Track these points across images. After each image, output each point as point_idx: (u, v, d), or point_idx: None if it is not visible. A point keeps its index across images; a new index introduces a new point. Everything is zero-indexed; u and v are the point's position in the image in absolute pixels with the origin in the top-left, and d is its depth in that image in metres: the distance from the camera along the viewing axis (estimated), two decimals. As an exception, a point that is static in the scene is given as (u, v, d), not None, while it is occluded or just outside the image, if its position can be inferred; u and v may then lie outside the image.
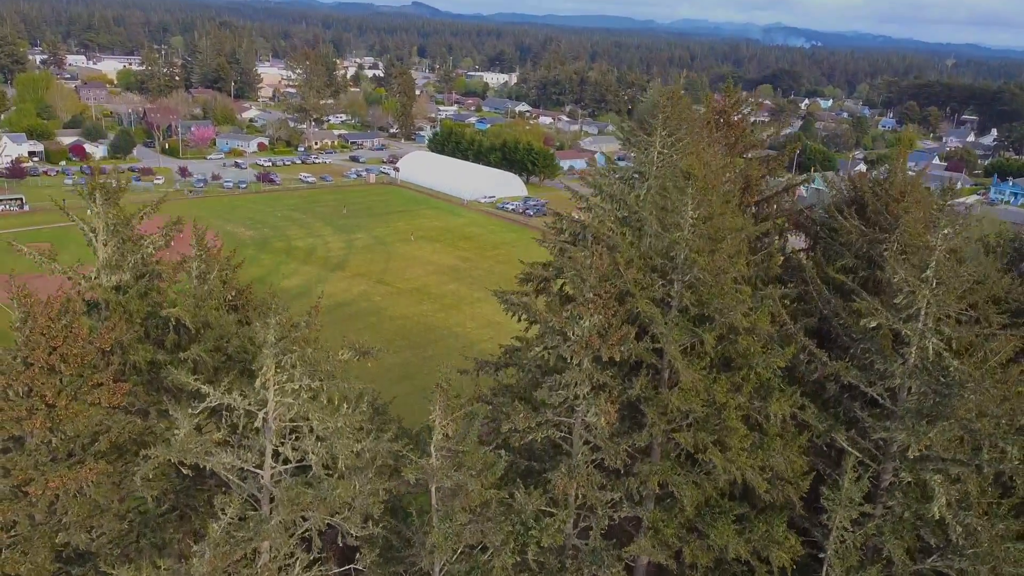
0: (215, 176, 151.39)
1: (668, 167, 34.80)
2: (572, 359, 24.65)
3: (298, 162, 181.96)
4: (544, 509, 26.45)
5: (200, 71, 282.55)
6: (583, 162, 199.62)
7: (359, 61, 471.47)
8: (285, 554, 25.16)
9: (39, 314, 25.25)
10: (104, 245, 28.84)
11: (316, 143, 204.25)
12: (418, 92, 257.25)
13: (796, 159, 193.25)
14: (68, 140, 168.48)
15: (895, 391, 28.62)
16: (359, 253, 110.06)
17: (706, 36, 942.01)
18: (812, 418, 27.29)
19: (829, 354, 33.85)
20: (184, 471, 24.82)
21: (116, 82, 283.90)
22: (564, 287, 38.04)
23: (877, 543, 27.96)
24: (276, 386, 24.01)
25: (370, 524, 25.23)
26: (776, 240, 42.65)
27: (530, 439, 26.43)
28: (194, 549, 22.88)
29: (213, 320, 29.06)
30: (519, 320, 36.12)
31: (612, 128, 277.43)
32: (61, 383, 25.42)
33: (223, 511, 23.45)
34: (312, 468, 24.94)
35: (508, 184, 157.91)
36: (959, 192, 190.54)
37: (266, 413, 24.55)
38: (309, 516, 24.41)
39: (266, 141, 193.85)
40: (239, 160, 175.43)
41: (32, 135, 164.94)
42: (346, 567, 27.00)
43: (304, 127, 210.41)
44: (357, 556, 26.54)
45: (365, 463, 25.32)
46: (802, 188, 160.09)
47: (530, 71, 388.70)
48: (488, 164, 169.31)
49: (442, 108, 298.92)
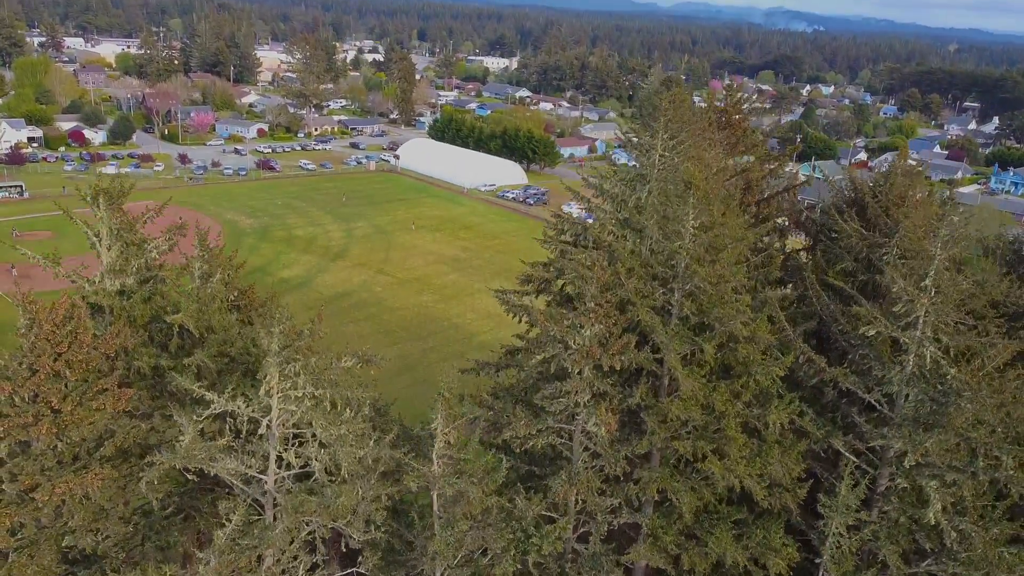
0: (215, 163, 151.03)
1: (670, 170, 34.84)
2: (573, 368, 24.84)
3: (298, 148, 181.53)
4: (545, 514, 26.77)
5: (199, 55, 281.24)
6: (584, 149, 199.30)
7: (359, 44, 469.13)
8: (288, 557, 25.51)
9: (44, 320, 25.39)
10: (108, 249, 28.96)
11: (316, 129, 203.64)
12: (418, 77, 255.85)
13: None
14: (67, 126, 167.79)
15: (892, 397, 28.84)
16: (359, 242, 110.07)
17: (707, 20, 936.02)
18: (810, 425, 27.54)
19: (828, 358, 34.07)
20: (189, 477, 25.13)
21: (115, 66, 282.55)
22: (565, 288, 38.22)
23: (873, 548, 28.30)
24: (280, 393, 24.26)
25: (372, 528, 25.54)
26: (777, 240, 42.75)
27: (530, 444, 26.67)
28: (199, 556, 23.18)
29: (216, 324, 29.23)
30: (520, 321, 36.38)
31: (613, 115, 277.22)
32: (66, 388, 25.60)
33: (228, 518, 23.74)
34: (315, 474, 25.28)
35: (508, 172, 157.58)
36: (960, 182, 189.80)
37: (270, 420, 24.81)
38: (313, 522, 24.71)
39: (266, 127, 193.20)
40: (239, 146, 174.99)
41: (31, 121, 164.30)
42: (349, 570, 27.38)
43: (304, 113, 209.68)
44: (359, 559, 26.92)
45: (368, 469, 25.60)
46: (802, 177, 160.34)
47: (531, 56, 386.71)
48: (488, 152, 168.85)
49: (442, 93, 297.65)
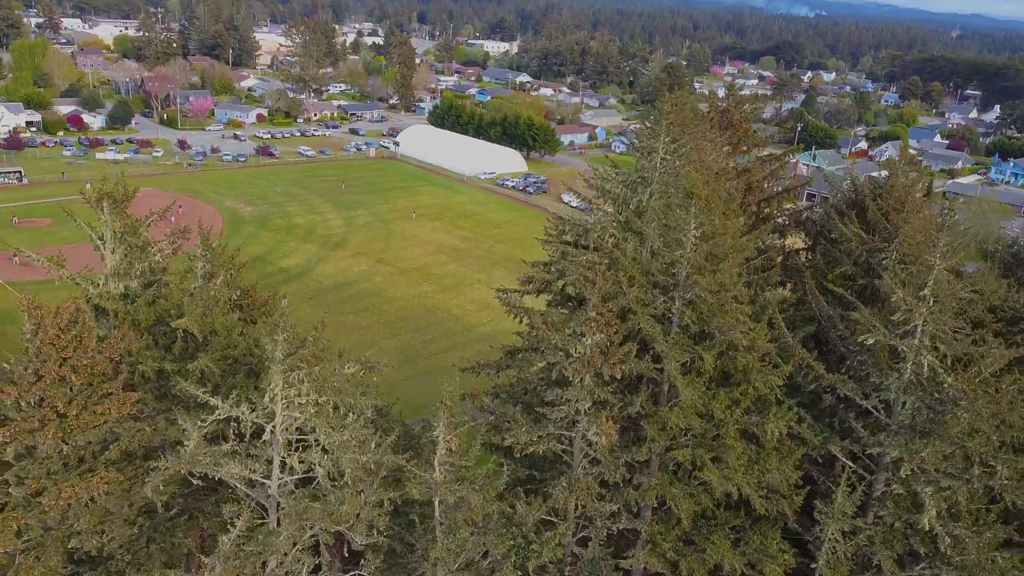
0: (214, 149, 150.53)
1: (671, 173, 34.94)
2: (574, 377, 25.08)
3: (297, 134, 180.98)
4: (545, 518, 27.11)
5: (198, 37, 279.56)
6: (584, 137, 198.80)
7: (358, 27, 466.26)
8: (292, 560, 25.86)
9: (49, 325, 25.56)
10: (112, 252, 29.09)
11: (315, 114, 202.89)
12: (418, 61, 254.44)
13: (797, 135, 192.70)
14: (66, 110, 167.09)
15: (890, 404, 29.12)
16: (359, 231, 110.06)
17: (709, 3, 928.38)
18: (808, 433, 27.84)
19: (827, 361, 34.31)
20: (194, 482, 25.40)
21: (113, 48, 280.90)
22: (565, 288, 38.40)
23: (868, 552, 28.69)
24: (284, 400, 24.49)
25: (375, 533, 25.86)
26: (778, 240, 42.95)
27: (531, 450, 26.95)
28: (205, 562, 23.51)
29: (220, 327, 29.40)
30: (521, 322, 36.59)
31: (613, 101, 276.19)
32: (72, 392, 25.82)
33: (232, 523, 24.06)
34: (318, 479, 25.57)
35: (508, 160, 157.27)
36: (960, 172, 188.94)
37: (274, 426, 25.07)
38: (316, 527, 25.02)
39: (265, 112, 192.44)
40: (238, 132, 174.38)
41: (29, 104, 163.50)
42: (351, 573, 27.75)
43: (303, 98, 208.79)
44: (362, 562, 27.29)
45: (370, 474, 25.88)
46: (802, 166, 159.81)
47: (531, 40, 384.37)
48: (488, 139, 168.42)
49: (442, 78, 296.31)
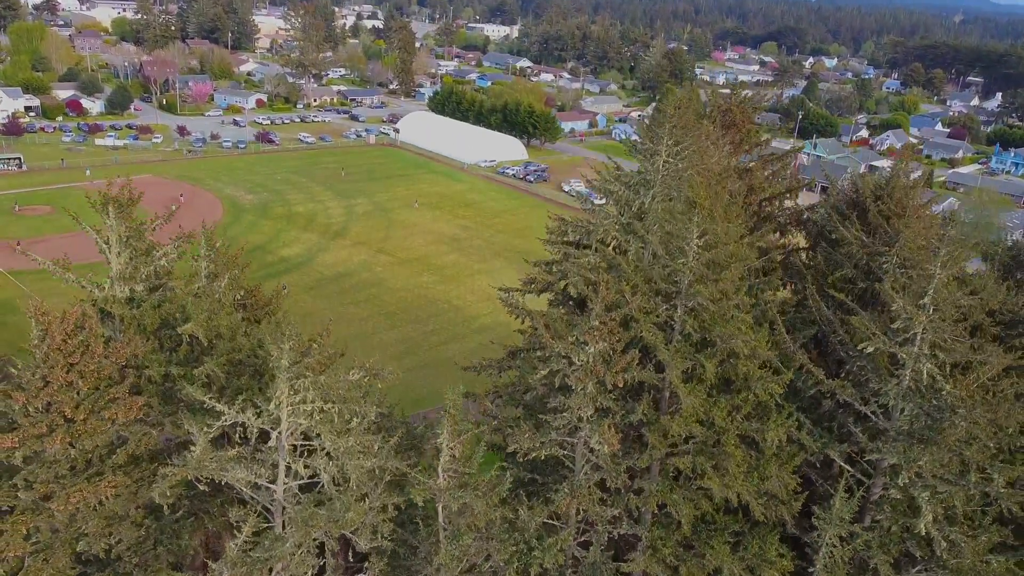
0: (214, 135, 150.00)
1: (673, 175, 35.09)
2: (577, 385, 25.34)
3: (297, 120, 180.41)
4: (547, 522, 27.47)
5: (196, 20, 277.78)
6: (585, 123, 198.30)
7: (357, 9, 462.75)
8: (297, 562, 26.22)
9: (56, 331, 25.76)
10: (117, 256, 29.26)
11: (315, 100, 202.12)
12: (418, 45, 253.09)
13: (798, 123, 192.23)
14: (64, 94, 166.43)
15: (888, 409, 29.43)
16: (359, 220, 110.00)
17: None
18: (807, 439, 28.15)
19: (827, 363, 34.62)
20: (200, 487, 25.71)
21: (111, 31, 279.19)
22: (567, 288, 38.64)
23: (864, 556, 29.08)
24: (289, 407, 24.76)
25: (379, 537, 26.22)
26: (779, 241, 43.15)
27: (533, 456, 27.25)
28: (212, 567, 23.86)
29: (224, 330, 29.63)
30: (522, 322, 36.84)
31: (614, 87, 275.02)
32: (79, 397, 26.07)
33: (239, 528, 24.41)
34: (323, 484, 25.89)
35: (509, 148, 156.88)
36: (960, 161, 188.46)
37: (279, 431, 25.36)
38: (321, 533, 25.36)
39: (264, 98, 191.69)
40: (238, 118, 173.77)
41: (28, 89, 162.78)
42: (356, 575, 28.17)
43: (303, 83, 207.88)
44: (366, 565, 27.70)
45: (374, 479, 26.21)
46: (803, 156, 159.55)
47: (532, 25, 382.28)
48: (488, 126, 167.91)
49: (442, 63, 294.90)
